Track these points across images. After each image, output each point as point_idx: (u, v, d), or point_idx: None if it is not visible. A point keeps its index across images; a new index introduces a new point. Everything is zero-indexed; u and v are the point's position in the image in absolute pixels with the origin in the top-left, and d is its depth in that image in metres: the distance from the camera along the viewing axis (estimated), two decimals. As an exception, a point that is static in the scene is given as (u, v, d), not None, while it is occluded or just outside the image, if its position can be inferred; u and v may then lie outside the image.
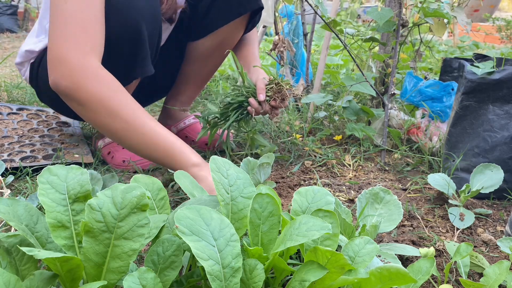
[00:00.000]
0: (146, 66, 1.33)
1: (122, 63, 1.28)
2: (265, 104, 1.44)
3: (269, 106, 1.44)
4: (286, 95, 1.42)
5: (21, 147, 1.55)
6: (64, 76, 1.14)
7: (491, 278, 0.84)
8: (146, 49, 1.30)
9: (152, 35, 1.32)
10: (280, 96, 1.42)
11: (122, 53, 1.26)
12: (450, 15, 1.65)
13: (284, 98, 1.43)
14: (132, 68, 1.31)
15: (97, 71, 1.15)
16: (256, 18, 1.61)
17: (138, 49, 1.28)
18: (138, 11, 1.23)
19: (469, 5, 2.00)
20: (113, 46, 1.23)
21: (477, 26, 7.22)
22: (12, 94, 2.36)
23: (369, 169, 1.58)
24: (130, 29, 1.23)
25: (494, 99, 1.36)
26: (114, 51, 1.24)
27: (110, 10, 1.19)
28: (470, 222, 1.17)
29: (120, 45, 1.24)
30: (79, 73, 1.13)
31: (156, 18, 1.32)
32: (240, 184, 0.83)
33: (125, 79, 1.32)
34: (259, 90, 1.44)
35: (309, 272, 0.68)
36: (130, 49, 1.27)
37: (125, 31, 1.23)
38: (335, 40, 4.42)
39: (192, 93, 1.80)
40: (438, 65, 3.44)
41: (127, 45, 1.25)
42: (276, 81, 1.44)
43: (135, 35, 1.25)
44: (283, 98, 1.43)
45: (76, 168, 0.78)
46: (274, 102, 1.42)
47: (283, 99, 1.43)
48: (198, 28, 1.60)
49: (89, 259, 0.68)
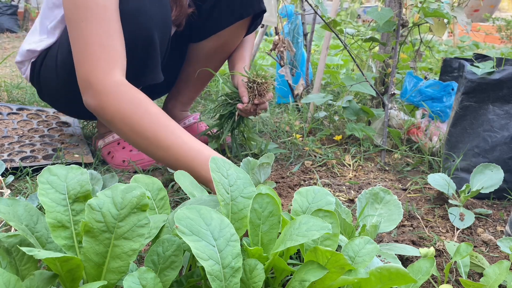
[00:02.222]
0: (156, 73, 1.34)
1: (133, 69, 1.28)
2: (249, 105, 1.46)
3: (254, 105, 1.47)
4: (263, 89, 1.45)
5: (21, 147, 1.55)
6: (91, 98, 1.16)
7: (491, 278, 0.84)
8: (157, 57, 1.31)
9: (163, 42, 1.33)
10: (259, 93, 1.45)
11: (134, 60, 1.26)
12: (450, 15, 1.65)
13: (262, 93, 1.46)
14: (142, 75, 1.32)
15: (118, 89, 1.15)
16: (258, 21, 1.61)
17: (149, 56, 1.29)
18: (150, 18, 1.24)
19: (469, 5, 2.00)
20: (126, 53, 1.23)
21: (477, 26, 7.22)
22: (12, 94, 2.36)
23: (369, 169, 1.58)
24: (142, 36, 1.24)
25: (494, 99, 1.36)
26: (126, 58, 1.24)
27: (122, 17, 1.19)
28: (470, 222, 1.17)
29: (132, 52, 1.24)
30: (101, 93, 1.14)
31: (167, 26, 1.33)
32: (240, 184, 0.83)
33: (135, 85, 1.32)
34: (241, 93, 1.48)
35: (309, 272, 0.68)
36: (142, 56, 1.27)
37: (137, 38, 1.23)
38: (335, 40, 4.42)
39: (192, 94, 1.80)
40: (438, 65, 3.44)
41: (139, 52, 1.26)
42: (252, 79, 1.46)
43: (147, 42, 1.25)
44: (261, 94, 1.46)
45: (76, 168, 0.78)
46: (256, 101, 1.46)
47: (262, 95, 1.46)
48: (200, 29, 1.60)
49: (89, 259, 0.68)
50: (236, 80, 1.54)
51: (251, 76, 1.46)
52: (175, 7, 1.40)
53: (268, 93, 1.47)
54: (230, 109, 1.53)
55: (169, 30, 1.36)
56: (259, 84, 1.45)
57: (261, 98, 1.46)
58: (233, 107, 1.52)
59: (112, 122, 1.16)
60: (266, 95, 1.47)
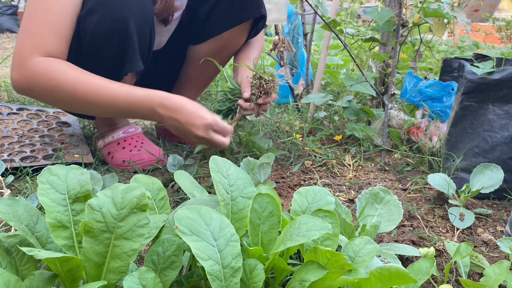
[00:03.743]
0: (135, 61, 1.33)
1: (111, 58, 1.30)
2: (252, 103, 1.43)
3: (256, 104, 1.43)
4: (270, 87, 1.42)
5: (21, 147, 1.55)
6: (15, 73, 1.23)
7: (491, 278, 0.84)
8: (134, 44, 1.30)
9: (142, 31, 1.31)
10: (264, 91, 1.41)
11: (110, 49, 1.28)
12: (450, 15, 1.65)
13: (269, 92, 1.42)
14: (121, 64, 1.32)
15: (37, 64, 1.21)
16: (260, 25, 1.60)
17: (126, 44, 1.28)
18: (124, 6, 1.24)
19: (469, 5, 2.00)
20: (101, 42, 1.25)
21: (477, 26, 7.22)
22: (12, 94, 2.36)
23: (369, 169, 1.58)
24: (117, 24, 1.24)
25: (494, 99, 1.36)
26: (102, 46, 1.27)
27: (96, 5, 1.21)
28: (470, 222, 1.17)
29: (108, 41, 1.26)
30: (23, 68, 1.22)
31: (146, 15, 1.32)
32: (240, 184, 0.83)
33: (116, 75, 1.32)
34: (243, 88, 1.44)
35: (309, 272, 0.68)
36: (118, 44, 1.28)
37: (112, 26, 1.24)
38: (335, 40, 4.42)
39: (192, 96, 1.80)
40: (438, 65, 3.44)
41: (115, 40, 1.26)
42: (258, 75, 1.42)
43: (122, 31, 1.25)
44: (267, 92, 1.42)
45: (76, 168, 0.78)
46: (261, 100, 1.42)
47: (268, 93, 1.42)
48: (199, 32, 1.60)
49: (89, 259, 0.68)
50: (239, 77, 1.51)
51: (258, 72, 1.42)
52: (159, 1, 1.39)
53: (273, 92, 1.44)
54: (229, 106, 1.49)
55: (149, 19, 1.34)
56: (266, 82, 1.41)
57: (266, 96, 1.42)
58: (232, 104, 1.48)
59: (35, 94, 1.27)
60: (271, 95, 1.44)
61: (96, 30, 1.24)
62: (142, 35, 1.32)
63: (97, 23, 1.23)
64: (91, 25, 1.24)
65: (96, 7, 1.22)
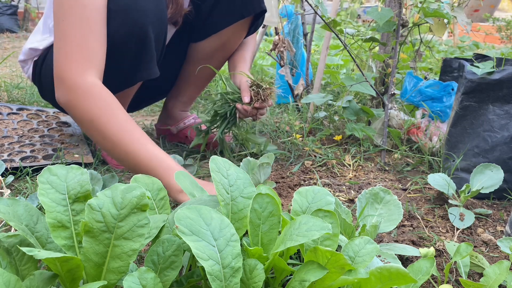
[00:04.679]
0: (151, 68, 1.34)
1: (128, 65, 1.29)
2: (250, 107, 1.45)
3: (254, 108, 1.46)
4: (267, 94, 1.45)
5: (21, 147, 1.55)
6: (62, 94, 1.19)
7: (491, 278, 0.84)
8: (152, 52, 1.31)
9: (158, 38, 1.33)
10: (261, 97, 1.44)
11: (128, 56, 1.27)
12: (450, 15, 1.65)
13: (266, 98, 1.45)
14: (137, 70, 1.32)
15: (89, 89, 1.17)
16: (259, 21, 1.61)
17: (143, 52, 1.29)
18: (144, 14, 1.24)
19: (469, 5, 2.00)
20: (118, 48, 1.24)
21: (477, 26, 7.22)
22: (12, 94, 2.36)
23: (369, 169, 1.58)
24: (136, 31, 1.24)
25: (494, 99, 1.36)
26: (120, 53, 1.25)
27: (116, 12, 1.20)
28: (470, 222, 1.17)
29: (126, 48, 1.25)
30: (72, 91, 1.17)
31: (163, 22, 1.33)
32: (240, 184, 0.83)
33: (130, 81, 1.32)
34: (243, 93, 1.46)
35: (309, 272, 0.68)
36: (136, 51, 1.27)
37: (131, 33, 1.23)
38: (335, 40, 4.42)
39: (192, 94, 1.80)
40: (438, 65, 3.44)
41: (133, 47, 1.26)
42: (256, 83, 1.45)
43: (141, 37, 1.25)
44: (264, 98, 1.45)
45: (76, 168, 0.78)
46: (257, 104, 1.44)
47: (266, 100, 1.45)
48: (201, 29, 1.60)
49: (89, 259, 0.68)
50: (238, 80, 1.53)
51: (256, 80, 1.45)
52: (171, 5, 1.40)
53: (270, 99, 1.47)
54: (228, 109, 1.51)
55: (165, 26, 1.35)
56: (264, 90, 1.44)
57: (263, 103, 1.45)
58: (230, 107, 1.51)
59: (81, 121, 1.20)
60: (268, 101, 1.46)
61: (115, 37, 1.22)
62: (158, 42, 1.33)
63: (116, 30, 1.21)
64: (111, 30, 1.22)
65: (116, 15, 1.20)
